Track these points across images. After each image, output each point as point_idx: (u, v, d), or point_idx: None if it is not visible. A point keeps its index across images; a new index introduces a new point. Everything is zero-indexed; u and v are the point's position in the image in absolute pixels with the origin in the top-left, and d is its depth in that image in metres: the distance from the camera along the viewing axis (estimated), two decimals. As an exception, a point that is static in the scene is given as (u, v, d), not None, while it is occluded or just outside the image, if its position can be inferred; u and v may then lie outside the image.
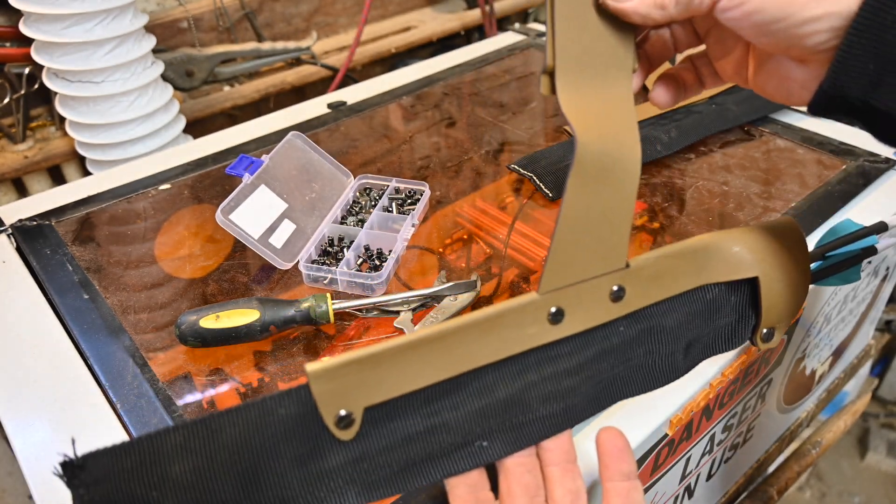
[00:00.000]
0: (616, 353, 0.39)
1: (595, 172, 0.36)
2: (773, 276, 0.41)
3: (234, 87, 1.10)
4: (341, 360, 0.34)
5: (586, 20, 0.37)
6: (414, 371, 0.35)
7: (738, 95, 0.81)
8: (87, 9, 0.76)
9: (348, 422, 0.34)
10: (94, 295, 0.58)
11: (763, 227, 0.43)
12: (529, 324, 0.37)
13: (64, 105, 0.86)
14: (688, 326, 0.41)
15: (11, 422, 0.48)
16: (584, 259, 0.37)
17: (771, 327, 0.43)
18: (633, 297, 0.39)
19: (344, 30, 1.27)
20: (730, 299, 0.42)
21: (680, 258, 0.40)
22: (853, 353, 0.91)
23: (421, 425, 0.36)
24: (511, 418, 0.37)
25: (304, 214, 0.64)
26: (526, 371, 0.37)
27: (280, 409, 0.33)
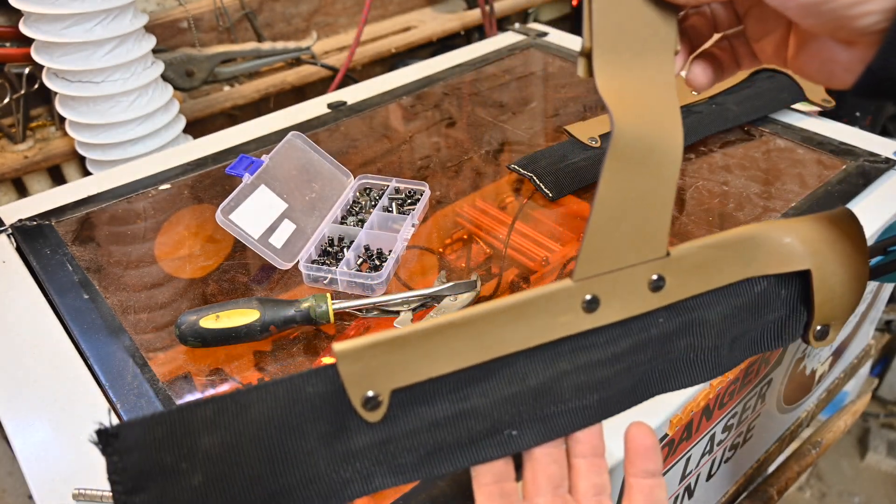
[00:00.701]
0: (655, 346, 0.38)
1: (633, 156, 0.34)
2: (828, 269, 0.39)
3: (234, 87, 1.10)
4: (370, 341, 0.33)
5: (627, 7, 0.36)
6: (443, 355, 0.34)
7: (739, 95, 0.81)
8: (87, 9, 0.76)
9: (375, 403, 0.33)
10: (94, 295, 0.58)
11: (817, 218, 0.40)
12: (563, 311, 0.35)
13: (64, 105, 0.86)
14: (733, 321, 0.39)
15: (11, 422, 0.48)
16: (621, 246, 0.36)
17: (825, 324, 0.40)
18: (673, 287, 0.37)
19: (344, 30, 1.27)
20: (780, 293, 0.39)
21: (725, 248, 0.38)
22: (853, 353, 0.91)
23: (449, 410, 0.35)
24: (542, 408, 0.36)
25: (304, 214, 0.64)
26: (559, 360, 0.36)
27: (308, 387, 0.33)
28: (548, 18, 1.64)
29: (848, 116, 1.20)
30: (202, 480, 0.32)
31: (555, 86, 0.94)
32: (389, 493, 0.42)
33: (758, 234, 0.38)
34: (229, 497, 0.32)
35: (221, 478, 0.32)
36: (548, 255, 0.63)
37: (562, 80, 0.95)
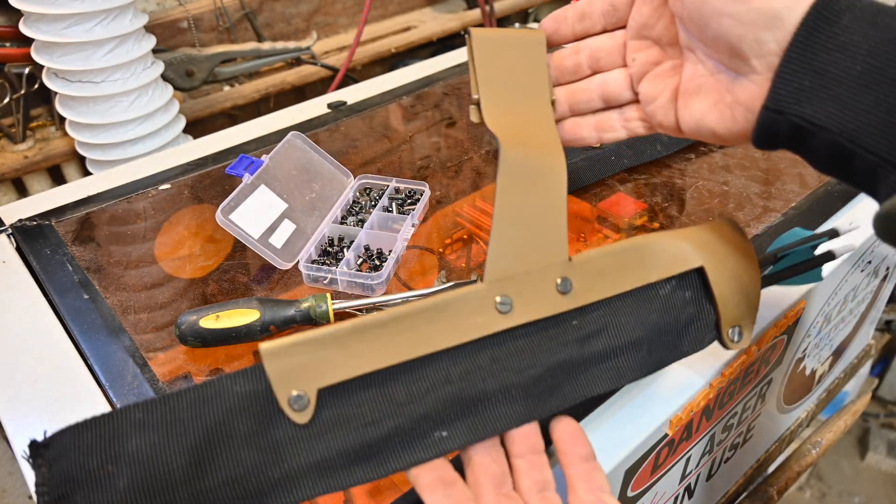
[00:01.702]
0: (573, 347, 0.39)
1: (521, 174, 0.40)
2: (719, 266, 0.42)
3: (234, 87, 1.10)
4: (296, 339, 0.34)
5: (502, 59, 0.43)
6: (367, 353, 0.35)
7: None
8: (87, 9, 0.76)
9: (302, 403, 0.34)
10: (94, 295, 0.58)
11: (702, 226, 0.44)
12: (477, 312, 0.38)
13: (64, 105, 0.86)
14: (645, 322, 0.41)
15: (11, 422, 0.48)
16: (525, 251, 0.39)
17: (736, 324, 0.43)
18: (580, 290, 0.39)
19: (344, 30, 1.27)
20: (684, 295, 0.42)
21: (624, 254, 0.41)
22: (853, 353, 0.91)
23: (376, 411, 0.35)
24: (468, 407, 0.37)
25: (304, 214, 0.64)
26: (480, 360, 0.37)
27: (235, 386, 0.34)
28: (548, 18, 1.64)
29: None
30: (127, 483, 0.31)
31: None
32: (388, 494, 0.42)
33: (651, 242, 0.42)
34: (154, 499, 0.32)
35: (146, 479, 0.32)
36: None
37: (562, 80, 0.95)
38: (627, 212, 0.68)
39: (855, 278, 0.70)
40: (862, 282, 0.73)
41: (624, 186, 0.71)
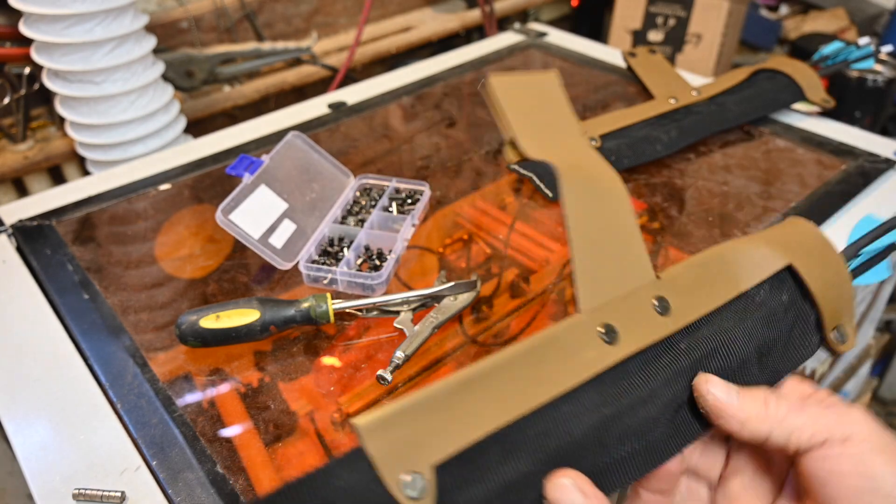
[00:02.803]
0: (687, 376, 0.35)
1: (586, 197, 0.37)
2: (807, 262, 0.39)
3: (234, 87, 1.10)
4: (395, 408, 0.28)
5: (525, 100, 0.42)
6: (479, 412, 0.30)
7: (739, 96, 0.81)
8: (88, 9, 0.76)
9: (419, 487, 0.27)
10: (95, 295, 0.58)
11: (772, 228, 0.41)
12: (585, 346, 0.33)
13: (64, 105, 0.86)
14: (752, 337, 0.38)
15: (12, 422, 0.48)
16: (612, 274, 0.35)
17: (838, 323, 0.40)
18: (679, 309, 0.36)
19: (344, 30, 1.27)
20: (780, 298, 0.39)
21: (709, 265, 0.38)
22: (853, 353, 0.91)
23: (499, 480, 0.30)
24: (590, 461, 0.32)
25: (305, 214, 0.64)
26: (598, 404, 0.33)
27: (336, 480, 0.28)
28: (548, 18, 1.64)
29: (848, 116, 1.20)
30: None
31: (555, 86, 0.94)
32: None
33: (731, 249, 0.39)
34: None
35: None
36: (548, 256, 0.63)
37: (562, 80, 0.95)
38: (627, 212, 0.68)
39: (855, 278, 0.70)
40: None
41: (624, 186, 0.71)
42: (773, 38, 1.59)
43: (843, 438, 0.30)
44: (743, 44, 1.59)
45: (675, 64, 1.41)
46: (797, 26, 1.62)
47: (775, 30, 1.59)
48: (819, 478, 0.31)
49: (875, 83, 1.08)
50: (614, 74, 0.95)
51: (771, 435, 0.32)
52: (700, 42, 1.39)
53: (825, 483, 0.30)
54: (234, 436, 0.47)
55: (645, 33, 1.43)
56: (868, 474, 0.30)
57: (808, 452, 0.31)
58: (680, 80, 0.85)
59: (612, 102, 0.87)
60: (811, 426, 0.31)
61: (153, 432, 0.46)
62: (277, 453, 0.46)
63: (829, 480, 0.30)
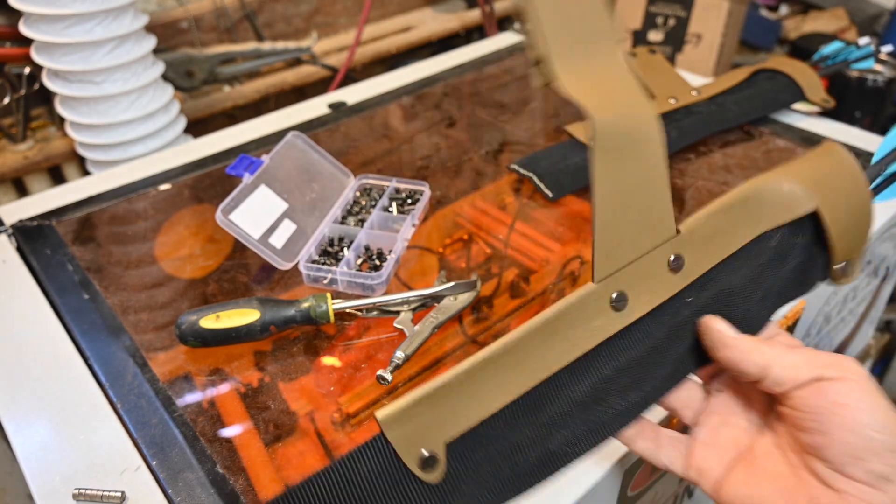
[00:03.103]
0: (689, 327, 0.37)
1: (618, 146, 0.34)
2: (833, 204, 0.38)
3: (234, 87, 1.10)
4: (411, 399, 0.31)
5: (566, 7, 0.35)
6: (488, 393, 0.33)
7: (738, 96, 0.81)
8: (87, 9, 0.76)
9: (432, 462, 0.31)
10: (95, 295, 0.58)
11: (807, 158, 0.40)
12: (594, 316, 0.34)
13: (64, 105, 0.86)
14: (758, 280, 0.38)
15: (12, 422, 0.48)
16: (632, 237, 0.35)
17: (846, 260, 0.40)
18: (693, 263, 0.36)
19: (344, 30, 1.27)
20: (795, 241, 0.39)
21: (731, 211, 0.37)
22: (853, 353, 0.91)
23: (504, 447, 0.33)
24: (591, 419, 0.35)
25: (305, 214, 0.64)
26: (601, 367, 0.35)
27: (361, 465, 0.31)
28: (548, 18, 1.64)
29: (848, 116, 1.20)
30: None
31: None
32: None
33: (758, 189, 0.38)
34: None
35: None
36: (548, 256, 0.63)
37: (562, 80, 0.95)
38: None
39: (855, 278, 0.70)
40: (862, 282, 0.73)
41: (624, 186, 0.71)
42: (773, 38, 1.59)
43: (839, 376, 0.32)
44: (743, 44, 1.59)
45: (675, 64, 1.41)
46: (797, 26, 1.62)
47: (775, 30, 1.59)
48: (814, 410, 0.32)
49: (875, 83, 1.08)
50: (614, 74, 0.94)
51: (771, 368, 0.33)
52: (700, 42, 1.39)
53: (821, 414, 0.32)
54: (234, 436, 0.47)
55: (645, 33, 1.43)
56: (866, 408, 0.31)
57: (801, 388, 0.33)
58: (680, 80, 0.85)
59: (612, 102, 0.87)
60: (807, 363, 0.33)
61: (153, 432, 0.46)
62: (277, 453, 0.46)
63: (824, 411, 0.32)
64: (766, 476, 0.34)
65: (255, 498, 0.42)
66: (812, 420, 0.32)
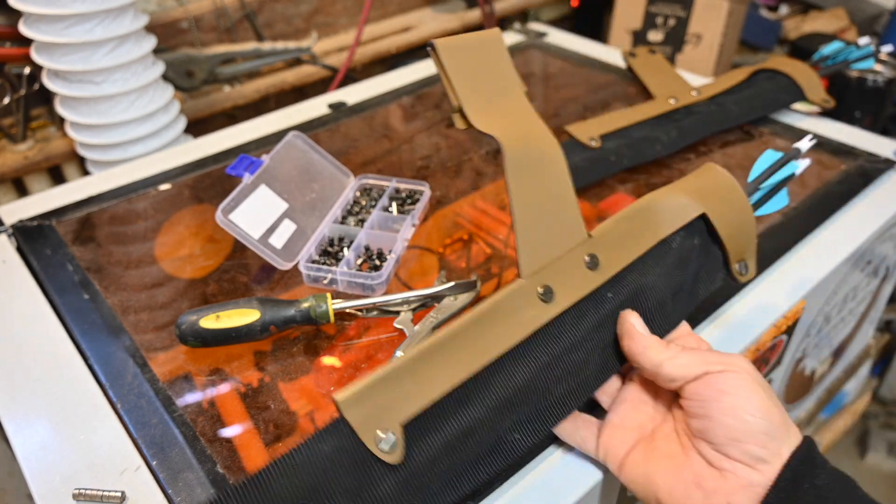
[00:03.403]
0: (611, 320, 0.42)
1: (525, 165, 0.41)
2: (718, 209, 0.45)
3: (234, 88, 1.10)
4: (367, 382, 0.34)
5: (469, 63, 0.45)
6: (437, 376, 0.36)
7: (738, 96, 0.81)
8: (87, 9, 0.76)
9: (391, 442, 0.34)
10: (95, 295, 0.58)
11: (690, 177, 0.47)
12: (525, 307, 0.39)
13: (64, 105, 0.86)
14: (668, 279, 0.44)
15: (11, 422, 0.48)
16: (549, 239, 0.41)
17: (741, 259, 0.47)
18: (607, 262, 0.42)
19: (344, 30, 1.27)
20: (693, 243, 0.45)
21: (634, 218, 0.44)
22: (853, 353, 0.91)
23: (458, 429, 0.36)
24: (534, 404, 0.39)
25: (305, 214, 0.64)
26: (537, 355, 0.39)
27: (322, 446, 0.34)
28: (548, 18, 1.64)
29: (847, 116, 1.20)
30: None
31: (555, 86, 0.94)
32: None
33: (654, 200, 0.45)
34: None
35: None
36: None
37: (562, 80, 0.95)
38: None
39: (854, 278, 0.70)
40: (861, 282, 0.73)
41: (624, 186, 0.71)
42: (773, 38, 1.59)
43: (722, 370, 0.37)
44: (743, 44, 1.59)
45: (675, 64, 1.41)
46: (797, 26, 1.62)
47: (775, 30, 1.59)
48: (701, 398, 0.37)
49: (875, 83, 1.08)
50: (614, 74, 0.95)
51: (663, 366, 0.38)
52: (700, 42, 1.39)
53: (706, 401, 0.36)
54: (234, 436, 0.47)
55: (645, 33, 1.43)
56: (742, 393, 0.36)
57: (692, 382, 0.37)
58: (680, 81, 0.85)
59: (612, 102, 0.87)
60: (696, 362, 0.38)
61: (153, 432, 0.46)
62: (277, 453, 0.46)
63: (709, 399, 0.36)
64: (660, 456, 0.38)
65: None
66: (699, 407, 0.37)
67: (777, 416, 0.36)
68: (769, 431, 0.35)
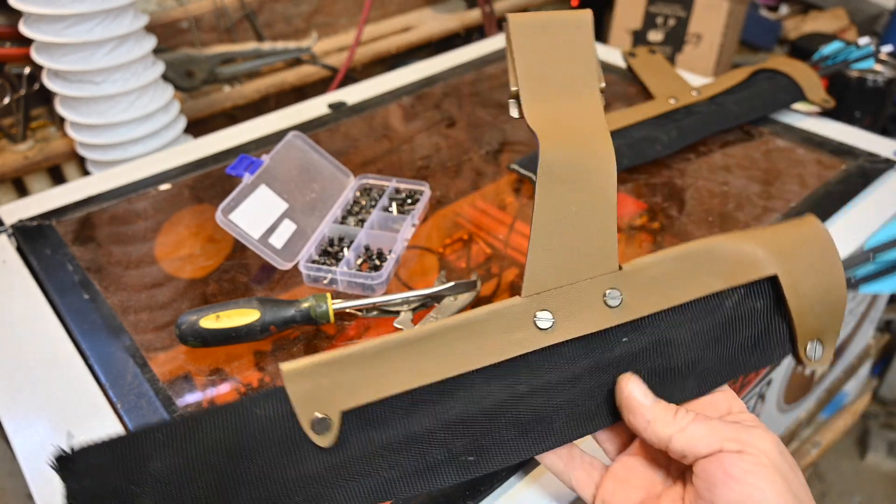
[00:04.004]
0: (618, 367, 0.36)
1: (564, 175, 0.36)
2: (797, 274, 0.36)
3: (234, 87, 1.10)
4: (318, 360, 0.33)
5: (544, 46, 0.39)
6: (394, 375, 0.34)
7: (739, 95, 0.81)
8: (87, 9, 0.76)
9: (325, 426, 0.33)
10: (95, 295, 0.58)
11: (779, 225, 0.39)
12: (515, 329, 0.35)
13: (64, 105, 0.86)
14: (706, 339, 0.37)
15: (12, 422, 0.48)
16: (568, 262, 0.36)
17: (815, 338, 0.38)
18: (633, 303, 0.36)
19: (344, 30, 1.27)
20: (754, 306, 0.37)
21: (684, 261, 0.37)
22: (853, 353, 0.91)
23: (402, 434, 0.34)
24: (498, 432, 0.35)
25: (305, 214, 0.64)
26: (516, 382, 0.35)
27: (257, 409, 0.33)
28: (548, 18, 1.64)
29: (847, 116, 1.20)
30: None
31: (555, 86, 0.94)
32: (389, 493, 0.42)
33: (718, 244, 0.37)
34: None
35: (170, 501, 0.32)
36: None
37: (562, 80, 0.95)
38: (627, 212, 0.68)
39: (855, 278, 0.70)
40: (862, 282, 0.73)
41: (624, 186, 0.71)
42: (773, 38, 1.59)
43: (738, 450, 0.31)
44: (743, 44, 1.59)
45: (675, 64, 1.41)
46: (797, 26, 1.62)
47: (775, 30, 1.59)
48: (710, 480, 0.32)
49: (875, 83, 1.08)
50: (614, 74, 0.95)
51: (672, 440, 0.33)
52: (700, 42, 1.39)
53: (714, 485, 0.31)
54: (234, 436, 0.47)
55: (645, 33, 1.43)
56: (755, 484, 0.30)
57: (704, 458, 0.32)
58: (680, 80, 0.85)
59: (612, 102, 0.88)
60: (709, 436, 0.32)
61: (153, 432, 0.46)
62: (277, 453, 0.46)
63: (717, 483, 0.31)
64: None
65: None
66: (706, 489, 0.32)
67: None
68: None
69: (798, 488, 0.31)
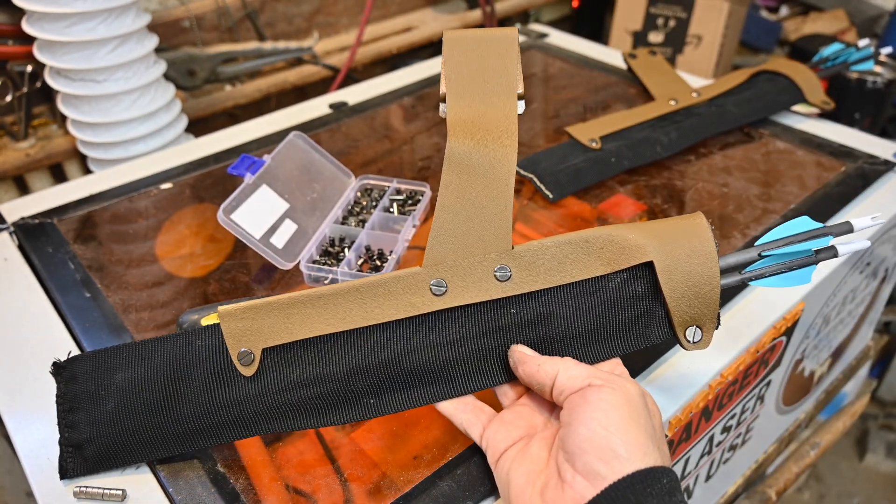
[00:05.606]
0: (505, 333, 0.42)
1: (466, 165, 0.42)
2: (672, 262, 0.40)
3: (235, 87, 1.10)
4: (248, 305, 0.40)
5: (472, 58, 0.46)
6: (307, 322, 0.41)
7: (738, 97, 0.81)
8: (90, 8, 0.76)
9: (249, 359, 0.41)
10: (96, 293, 0.58)
11: (668, 219, 0.43)
12: (413, 293, 0.41)
13: (66, 103, 0.86)
14: (588, 316, 0.42)
15: (13, 419, 0.48)
16: (466, 239, 0.41)
17: (694, 324, 0.41)
18: (520, 279, 0.41)
19: (345, 30, 1.28)
20: (634, 290, 0.41)
21: (571, 245, 0.42)
22: (852, 355, 0.92)
23: (311, 373, 0.41)
24: (395, 380, 0.42)
25: (306, 214, 0.64)
26: (412, 337, 0.42)
27: (197, 340, 0.42)
28: (549, 19, 1.64)
29: (847, 118, 1.20)
30: (114, 406, 0.42)
31: (555, 87, 0.94)
32: (389, 493, 0.43)
33: (603, 233, 0.42)
34: (132, 420, 0.41)
35: (127, 405, 0.41)
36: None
37: (562, 81, 0.95)
38: (627, 213, 0.68)
39: (854, 280, 0.70)
40: (861, 283, 0.73)
41: (624, 188, 0.72)
42: (773, 39, 1.59)
43: (601, 384, 0.36)
44: (743, 45, 1.60)
45: (676, 65, 1.41)
46: (797, 28, 1.62)
47: (775, 31, 1.59)
48: (571, 409, 0.36)
49: (874, 85, 1.08)
50: (615, 76, 0.95)
51: (558, 376, 0.38)
52: (700, 43, 1.39)
53: (572, 411, 0.36)
54: (235, 434, 0.47)
55: (645, 34, 1.43)
56: (603, 408, 0.35)
57: (574, 392, 0.37)
58: (680, 82, 0.85)
59: (613, 104, 0.88)
60: (584, 375, 0.38)
61: (154, 430, 0.46)
62: (277, 452, 0.46)
63: (575, 408, 0.36)
64: (527, 458, 0.38)
65: (255, 497, 0.42)
66: (567, 414, 0.37)
67: (636, 438, 0.34)
68: (617, 449, 0.34)
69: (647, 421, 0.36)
